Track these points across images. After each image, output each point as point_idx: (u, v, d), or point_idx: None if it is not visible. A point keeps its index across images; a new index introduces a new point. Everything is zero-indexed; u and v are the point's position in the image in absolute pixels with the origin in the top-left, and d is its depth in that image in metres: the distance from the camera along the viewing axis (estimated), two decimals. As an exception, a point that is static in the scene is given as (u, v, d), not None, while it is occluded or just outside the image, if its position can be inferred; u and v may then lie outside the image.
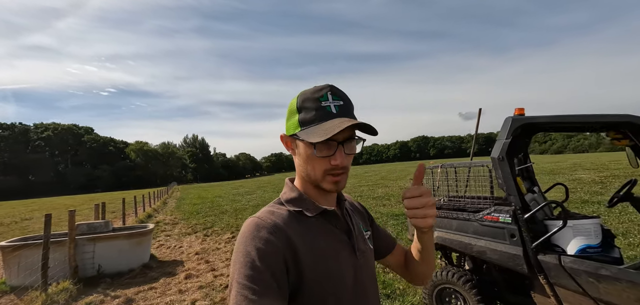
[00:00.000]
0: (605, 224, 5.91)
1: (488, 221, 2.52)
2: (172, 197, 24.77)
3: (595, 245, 2.23)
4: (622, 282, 1.96)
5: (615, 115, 2.14)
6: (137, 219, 11.53)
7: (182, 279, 5.01)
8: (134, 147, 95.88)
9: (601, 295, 2.05)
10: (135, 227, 6.71)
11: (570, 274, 2.12)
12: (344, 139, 0.73)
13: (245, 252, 0.66)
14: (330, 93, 0.74)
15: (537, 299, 2.41)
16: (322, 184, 0.76)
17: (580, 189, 11.18)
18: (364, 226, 0.93)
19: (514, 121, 2.44)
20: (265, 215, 0.74)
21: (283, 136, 0.81)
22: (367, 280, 0.83)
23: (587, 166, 20.63)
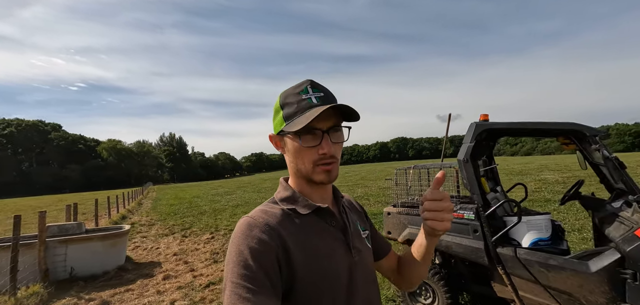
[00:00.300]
0: (563, 221, 6.41)
1: (455, 218, 2.73)
2: (147, 198, 23.97)
3: (546, 238, 2.49)
4: (567, 270, 2.21)
5: (563, 123, 2.41)
6: (111, 221, 11.13)
7: (160, 280, 4.96)
8: (106, 145, 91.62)
9: (550, 282, 2.30)
10: (109, 228, 6.53)
11: (524, 264, 2.36)
12: (329, 128, 0.74)
13: (238, 251, 0.67)
14: (310, 86, 0.76)
15: (497, 288, 2.65)
16: (313, 177, 0.76)
17: (544, 189, 11.95)
18: (361, 225, 0.91)
19: (478, 126, 2.66)
20: (258, 215, 0.74)
21: (271, 136, 0.83)
22: (364, 279, 0.81)
23: (552, 167, 22.02)
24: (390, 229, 3.33)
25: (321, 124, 0.72)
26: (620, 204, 2.38)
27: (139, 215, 13.22)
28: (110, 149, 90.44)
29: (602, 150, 2.22)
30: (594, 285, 2.13)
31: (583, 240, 5.25)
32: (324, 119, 0.73)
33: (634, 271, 2.00)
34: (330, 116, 0.74)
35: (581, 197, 2.97)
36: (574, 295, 2.22)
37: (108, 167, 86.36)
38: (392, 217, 3.32)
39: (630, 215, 2.20)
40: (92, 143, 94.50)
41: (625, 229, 2.15)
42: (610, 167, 2.21)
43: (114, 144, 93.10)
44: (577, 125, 2.32)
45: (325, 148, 0.73)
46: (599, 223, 2.57)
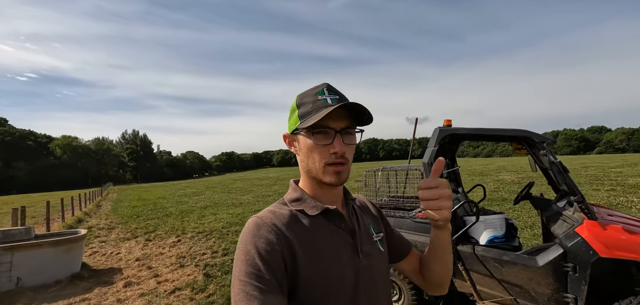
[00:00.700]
0: (517, 219, 6.93)
1: (419, 218, 2.86)
2: (107, 199, 22.46)
3: (501, 236, 2.69)
4: (518, 265, 2.41)
5: (516, 130, 2.61)
6: (65, 225, 10.30)
7: (120, 287, 4.68)
8: (60, 142, 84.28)
9: (504, 276, 2.48)
10: (63, 233, 6.05)
11: (481, 260, 2.53)
12: (341, 129, 0.74)
13: (246, 250, 0.68)
14: (327, 89, 0.77)
15: (457, 283, 2.82)
16: (323, 178, 0.76)
17: (502, 188, 12.83)
18: (375, 228, 0.89)
19: (441, 131, 2.81)
20: (266, 215, 0.75)
21: (285, 135, 0.83)
22: (372, 283, 0.79)
23: (509, 169, 23.69)
24: None
25: (334, 124, 0.73)
26: (564, 203, 2.63)
27: (98, 218, 12.36)
28: (65, 146, 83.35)
29: (549, 155, 2.44)
30: (541, 278, 2.34)
31: (534, 236, 5.71)
32: (337, 119, 0.74)
33: (574, 264, 2.22)
34: (344, 118, 0.75)
35: (531, 197, 3.24)
36: (525, 288, 2.42)
37: (62, 166, 79.53)
38: None
39: (571, 214, 2.44)
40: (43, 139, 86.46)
41: (567, 227, 2.38)
42: (555, 171, 2.44)
43: (69, 140, 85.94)
44: (528, 132, 2.52)
45: (336, 147, 0.73)
46: (546, 221, 2.82)
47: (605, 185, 12.10)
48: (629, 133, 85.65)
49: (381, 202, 3.49)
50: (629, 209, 7.66)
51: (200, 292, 4.27)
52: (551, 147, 2.64)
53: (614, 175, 15.40)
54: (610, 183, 12.70)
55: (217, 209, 12.42)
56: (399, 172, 3.89)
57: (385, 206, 3.26)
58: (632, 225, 2.27)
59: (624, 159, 32.29)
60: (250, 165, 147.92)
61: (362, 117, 0.77)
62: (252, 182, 29.29)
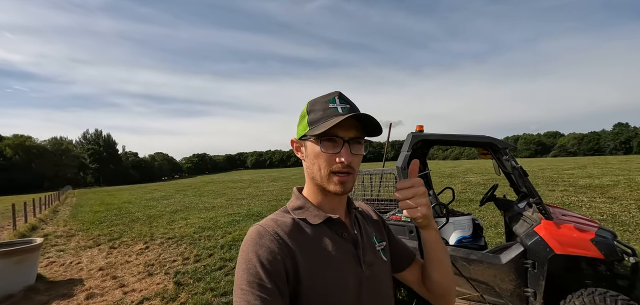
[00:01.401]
0: (483, 219, 7.33)
1: (393, 220, 2.95)
2: (65, 204, 20.88)
3: (468, 236, 2.84)
4: (484, 263, 2.56)
5: (481, 136, 2.78)
6: (17, 233, 9.45)
7: (82, 299, 4.38)
8: (10, 141, 77.04)
9: (471, 274, 2.63)
10: (14, 242, 5.54)
11: (451, 260, 2.66)
12: (350, 138, 0.74)
13: (248, 258, 0.68)
14: (338, 97, 0.77)
15: (429, 283, 2.94)
16: (328, 186, 0.75)
17: (469, 190, 13.53)
18: (377, 237, 0.88)
19: (414, 137, 2.93)
20: (268, 223, 0.74)
21: (293, 140, 0.83)
22: (375, 293, 0.78)
23: (475, 171, 25.03)
24: None
25: (343, 133, 0.73)
26: (524, 205, 2.83)
27: (55, 225, 11.46)
28: (17, 146, 76.31)
29: (511, 160, 2.62)
30: (504, 274, 2.50)
31: (498, 235, 6.07)
32: (346, 129, 0.73)
33: (533, 261, 2.40)
34: (353, 128, 0.74)
35: (495, 199, 3.45)
36: (490, 284, 2.58)
37: (13, 168, 72.70)
38: None
39: (531, 214, 2.64)
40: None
41: (527, 226, 2.56)
42: (516, 175, 2.62)
43: (21, 140, 78.83)
44: (492, 139, 2.70)
45: (343, 156, 0.73)
46: (509, 221, 3.02)
47: (559, 186, 13.14)
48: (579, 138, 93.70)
49: (357, 205, 3.56)
50: (579, 208, 8.38)
51: (171, 301, 4.10)
52: (513, 153, 2.84)
53: (567, 177, 16.78)
54: (564, 184, 13.82)
55: (188, 213, 11.98)
56: (373, 176, 3.98)
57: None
58: (583, 224, 2.50)
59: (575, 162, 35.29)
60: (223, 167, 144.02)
61: (371, 128, 0.77)
62: (225, 184, 28.51)
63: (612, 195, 9.97)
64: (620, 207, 8.18)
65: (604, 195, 10.09)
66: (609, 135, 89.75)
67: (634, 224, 6.40)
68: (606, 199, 9.51)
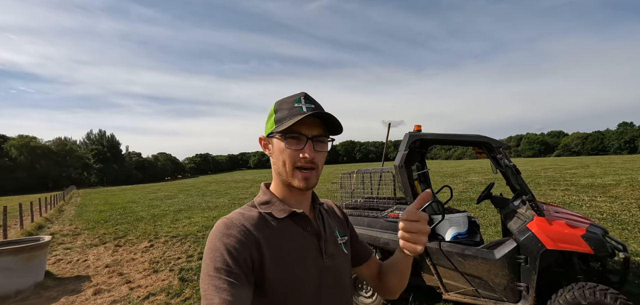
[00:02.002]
0: (483, 217, 7.38)
1: (391, 218, 3.04)
2: (70, 204, 21.13)
3: (464, 232, 2.93)
4: (479, 258, 2.64)
5: (476, 135, 2.86)
6: (24, 231, 9.63)
7: (89, 295, 4.50)
8: (15, 142, 77.75)
9: (466, 269, 2.71)
10: (23, 240, 5.69)
11: (447, 255, 2.75)
12: (314, 136, 0.79)
13: (215, 248, 0.71)
14: (304, 97, 0.81)
15: (426, 277, 3.03)
16: (292, 181, 0.79)
17: (470, 189, 13.56)
18: (340, 231, 0.94)
19: (411, 136, 3.02)
20: (235, 216, 0.78)
21: (261, 138, 0.87)
22: (335, 283, 0.84)
23: (477, 170, 25.01)
24: None
25: (307, 131, 0.78)
26: (518, 202, 2.91)
27: (61, 224, 11.64)
28: (22, 146, 77.06)
29: (504, 159, 2.71)
30: (498, 269, 2.59)
31: (497, 233, 6.13)
32: (310, 127, 0.78)
33: (526, 256, 2.48)
34: (317, 126, 0.80)
35: (492, 197, 3.53)
36: (484, 279, 2.67)
37: (18, 168, 73.39)
38: None
39: (524, 211, 2.72)
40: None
41: (520, 223, 2.65)
42: (510, 173, 2.71)
43: (26, 141, 79.58)
44: (487, 138, 2.78)
45: (307, 152, 0.77)
46: (504, 218, 3.10)
47: (561, 186, 13.15)
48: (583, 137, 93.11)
49: (356, 203, 3.65)
50: (579, 207, 8.41)
51: (176, 297, 4.22)
52: (507, 151, 2.92)
53: (569, 176, 16.76)
54: (566, 183, 13.82)
55: (192, 213, 12.12)
56: (373, 174, 4.07)
57: (360, 207, 3.42)
58: (575, 221, 2.58)
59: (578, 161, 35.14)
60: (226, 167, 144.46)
61: (333, 127, 0.82)
62: (227, 184, 28.70)
63: (613, 195, 9.98)
64: (620, 206, 8.21)
65: (605, 195, 10.11)
66: (613, 134, 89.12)
67: (632, 223, 6.44)
68: (607, 198, 9.53)
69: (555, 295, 2.40)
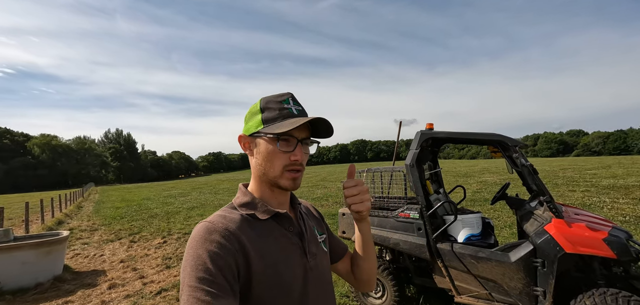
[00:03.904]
0: (498, 218, 7.19)
1: (402, 218, 2.99)
2: (88, 200, 21.82)
3: (477, 234, 2.84)
4: (492, 261, 2.56)
5: (491, 134, 2.77)
6: (45, 226, 9.99)
7: (104, 289, 4.63)
8: (38, 140, 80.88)
9: (479, 272, 2.63)
10: (43, 235, 5.89)
11: (459, 257, 2.67)
12: (302, 138, 0.79)
13: (196, 255, 0.67)
14: (291, 99, 0.82)
15: (437, 279, 2.96)
16: (280, 181, 0.79)
17: (485, 189, 13.25)
18: (318, 230, 0.95)
19: (423, 135, 2.95)
20: (217, 220, 0.75)
21: (242, 136, 0.84)
22: (319, 281, 0.85)
23: (492, 170, 24.41)
24: (345, 229, 3.51)
25: (297, 134, 0.78)
26: (535, 203, 2.80)
27: (79, 220, 12.03)
28: (44, 145, 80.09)
29: (520, 158, 2.61)
30: (513, 272, 2.49)
31: (513, 234, 5.96)
32: (300, 130, 0.79)
33: (543, 260, 2.38)
34: (305, 129, 0.80)
35: (507, 197, 3.41)
36: (498, 282, 2.58)
37: (40, 165, 76.37)
38: (347, 217, 3.51)
39: (541, 213, 2.61)
40: (20, 138, 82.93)
41: (537, 225, 2.54)
42: (526, 173, 2.60)
43: (48, 139, 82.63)
44: (502, 136, 2.68)
45: (297, 155, 0.78)
46: (520, 220, 2.99)
47: (580, 187, 12.67)
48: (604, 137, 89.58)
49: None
50: (600, 209, 8.08)
51: (187, 293, 4.28)
52: (523, 150, 2.81)
53: (590, 177, 16.14)
54: (586, 184, 13.31)
55: (204, 210, 12.31)
56: (383, 174, 4.01)
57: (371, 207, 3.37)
58: (596, 224, 2.46)
59: (599, 162, 33.81)
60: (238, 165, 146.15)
61: (322, 131, 0.83)
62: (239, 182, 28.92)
63: (636, 196, 9.55)
64: (645, 208, 7.84)
65: (628, 196, 9.68)
66: (636, 133, 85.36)
67: (658, 226, 6.13)
68: (630, 200, 9.12)
69: (575, 301, 2.30)
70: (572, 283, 2.53)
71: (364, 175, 3.62)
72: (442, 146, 3.82)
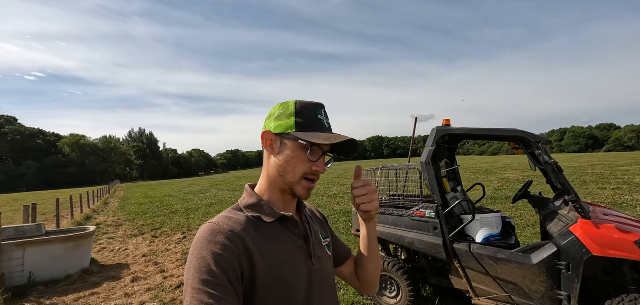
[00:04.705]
0: (521, 217, 6.92)
1: (417, 216, 2.92)
2: (114, 197, 22.83)
3: (497, 234, 2.74)
4: (513, 263, 2.46)
5: (511, 130, 2.65)
6: (74, 222, 10.54)
7: (128, 282, 4.83)
8: (68, 140, 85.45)
9: (498, 274, 2.54)
10: (73, 229, 6.22)
11: (477, 258, 2.59)
12: (326, 152, 0.81)
13: (201, 257, 0.66)
14: (324, 111, 0.84)
15: (454, 280, 2.88)
16: (296, 188, 0.80)
17: (506, 187, 12.77)
18: (323, 234, 0.95)
19: (439, 131, 2.87)
20: (222, 221, 0.74)
21: (268, 133, 0.82)
22: (323, 285, 0.85)
23: (515, 167, 23.49)
24: (358, 228, 3.48)
25: (325, 146, 0.79)
26: (560, 202, 2.66)
27: (105, 216, 12.61)
28: (74, 144, 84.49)
29: (543, 155, 2.48)
30: (535, 275, 2.39)
31: (536, 234, 5.71)
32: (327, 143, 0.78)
33: (567, 262, 2.27)
34: (329, 144, 0.80)
35: (530, 196, 3.27)
36: (519, 285, 2.48)
37: (70, 164, 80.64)
38: None
39: (567, 213, 2.48)
40: (52, 138, 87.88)
41: (562, 226, 2.42)
42: (549, 170, 2.48)
43: (77, 139, 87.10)
44: (523, 132, 2.57)
45: (320, 167, 0.79)
46: (543, 219, 2.85)
47: (611, 184, 11.97)
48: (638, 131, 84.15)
49: (381, 201, 3.55)
50: (633, 209, 7.60)
51: (205, 288, 4.39)
52: (546, 147, 2.68)
53: (621, 174, 15.21)
54: (617, 182, 12.56)
55: (222, 207, 12.58)
56: (399, 171, 3.94)
57: (385, 205, 3.32)
58: (627, 225, 2.31)
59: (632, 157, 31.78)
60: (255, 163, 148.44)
61: (346, 150, 0.84)
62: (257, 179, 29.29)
63: (675, 195, 8.92)
64: (684, 208, 7.31)
65: (665, 195, 9.05)
66: (676, 127, 79.66)
67: (700, 227, 5.70)
68: (668, 198, 8.52)
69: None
70: (600, 288, 2.39)
71: (378, 173, 3.57)
72: (460, 143, 3.70)
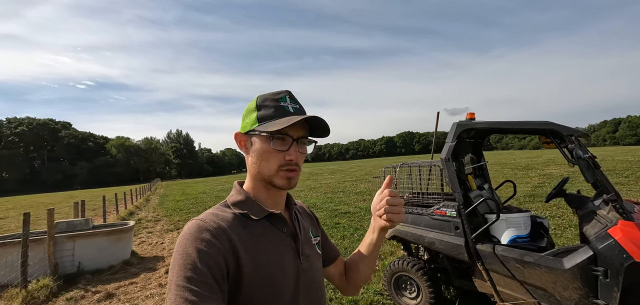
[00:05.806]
0: (562, 217, 6.41)
1: (438, 215, 2.82)
2: (155, 194, 24.42)
3: (524, 235, 2.56)
4: (542, 267, 2.29)
5: (541, 122, 2.46)
6: (119, 217, 11.45)
7: (162, 273, 5.16)
8: (115, 142, 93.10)
9: (526, 278, 2.38)
10: (115, 224, 6.76)
11: (502, 260, 2.44)
12: (298, 137, 0.78)
13: (186, 253, 0.65)
14: (289, 97, 0.81)
15: (477, 283, 2.74)
16: (275, 180, 0.78)
17: (547, 184, 11.86)
18: (313, 232, 0.94)
19: (459, 126, 2.73)
20: (208, 217, 0.73)
21: (238, 134, 0.83)
22: (310, 284, 0.84)
23: (559, 161, 21.68)
24: None
25: (292, 132, 0.77)
26: (599, 202, 2.43)
27: (146, 211, 13.53)
28: (119, 146, 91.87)
29: (576, 149, 2.28)
30: (567, 281, 2.20)
31: (576, 236, 5.26)
32: (295, 129, 0.77)
33: (605, 268, 2.07)
34: (301, 128, 0.79)
35: (566, 194, 3.02)
36: (549, 291, 2.30)
37: (116, 164, 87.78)
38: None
39: (606, 214, 2.26)
40: (101, 140, 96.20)
41: (600, 227, 2.21)
42: (584, 166, 2.27)
43: (122, 141, 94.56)
44: (554, 124, 2.37)
45: (292, 155, 0.77)
46: (580, 220, 2.62)
47: (674, 180, 10.67)
48: None
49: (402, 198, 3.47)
50: (700, 208, 6.72)
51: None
52: (583, 140, 2.46)
53: (688, 169, 13.49)
54: (681, 177, 11.17)
55: (251, 204, 12.96)
56: (421, 168, 3.82)
57: (405, 202, 3.24)
58: (679, 227, 2.05)
59: (703, 150, 28.01)
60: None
61: (318, 130, 0.82)
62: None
63: None
64: None
65: None
66: None
67: None
68: None
69: (647, 317, 1.96)
70: None
71: (397, 170, 3.49)
72: (486, 137, 3.50)
